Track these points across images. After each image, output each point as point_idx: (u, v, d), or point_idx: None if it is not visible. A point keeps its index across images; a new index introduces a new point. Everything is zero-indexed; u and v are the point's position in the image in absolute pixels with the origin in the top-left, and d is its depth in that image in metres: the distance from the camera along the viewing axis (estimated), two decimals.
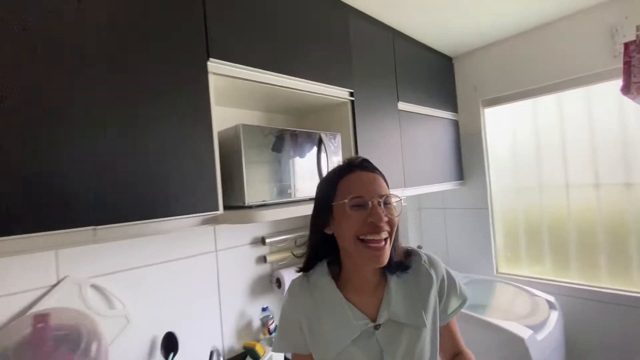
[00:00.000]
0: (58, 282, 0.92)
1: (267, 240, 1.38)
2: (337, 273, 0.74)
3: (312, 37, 1.22)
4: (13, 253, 0.64)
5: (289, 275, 1.34)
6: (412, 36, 1.77)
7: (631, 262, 1.57)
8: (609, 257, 1.64)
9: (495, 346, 1.39)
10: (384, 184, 0.71)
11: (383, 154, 1.49)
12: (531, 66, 1.80)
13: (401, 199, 0.72)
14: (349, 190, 0.68)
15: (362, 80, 1.41)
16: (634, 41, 1.33)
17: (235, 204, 1.00)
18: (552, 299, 1.66)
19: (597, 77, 1.58)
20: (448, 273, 0.79)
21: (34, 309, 0.87)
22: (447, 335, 0.79)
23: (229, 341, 1.25)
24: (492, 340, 1.40)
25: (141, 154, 0.79)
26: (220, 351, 1.21)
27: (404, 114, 1.64)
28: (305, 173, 1.16)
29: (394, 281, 0.73)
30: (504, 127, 1.99)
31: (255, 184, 1.00)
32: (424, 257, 0.77)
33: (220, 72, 0.95)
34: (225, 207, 0.96)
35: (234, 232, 1.32)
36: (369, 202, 0.66)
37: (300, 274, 0.78)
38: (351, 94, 1.36)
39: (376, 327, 0.69)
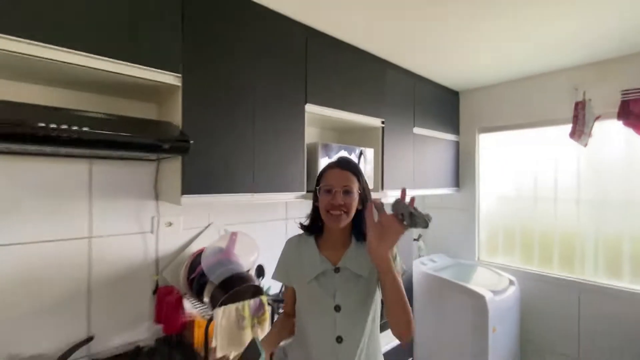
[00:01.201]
0: (207, 226, 1.59)
1: None
2: (318, 238, 1.06)
3: (361, 85, 1.87)
4: (206, 205, 1.30)
5: None
6: (429, 78, 2.39)
7: (575, 256, 2.18)
8: (560, 253, 2.25)
9: (466, 303, 2.02)
10: (352, 178, 0.98)
11: (400, 164, 2.13)
12: (516, 106, 2.41)
13: (360, 191, 0.99)
14: (326, 180, 0.99)
15: (390, 112, 2.05)
16: (581, 102, 1.93)
17: (310, 189, 1.65)
18: (513, 278, 2.28)
19: (563, 121, 2.16)
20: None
21: (197, 240, 1.54)
22: None
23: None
24: (464, 299, 2.04)
25: (274, 155, 1.45)
26: None
27: (417, 136, 2.28)
28: None
29: (354, 245, 1.02)
30: (494, 150, 2.60)
31: None
32: None
33: (311, 111, 1.60)
34: (307, 191, 1.62)
35: (298, 207, 1.97)
36: (334, 190, 0.97)
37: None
38: (382, 122, 2.00)
39: (336, 270, 0.98)
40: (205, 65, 1.24)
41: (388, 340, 1.64)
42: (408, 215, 0.81)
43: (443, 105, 2.56)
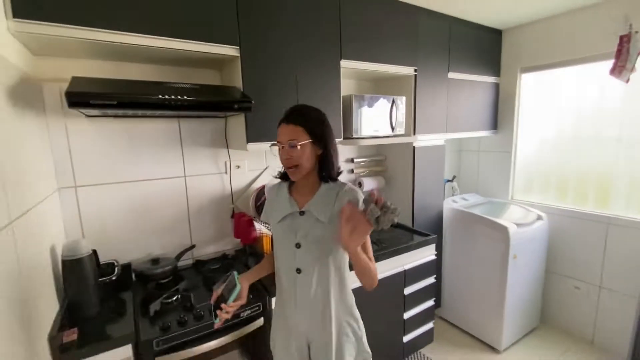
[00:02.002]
0: (266, 168, 1.99)
1: (355, 160, 2.35)
2: (293, 184, 1.15)
3: (393, 35, 1.99)
4: (263, 151, 1.66)
5: (368, 181, 2.31)
6: (467, 19, 2.38)
7: (609, 193, 2.24)
8: (594, 191, 2.32)
9: (490, 235, 2.25)
10: (297, 129, 1.01)
11: (433, 110, 2.28)
12: (561, 42, 2.32)
13: (302, 143, 1.00)
14: (277, 136, 1.06)
15: (424, 59, 2.16)
16: (627, 35, 1.85)
17: (347, 136, 1.93)
18: (543, 214, 2.43)
19: (609, 55, 2.09)
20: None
21: (259, 179, 1.95)
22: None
23: None
24: (488, 232, 2.26)
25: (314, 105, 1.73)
26: None
27: (452, 80, 2.36)
28: (384, 121, 2.03)
29: (323, 190, 1.08)
30: (534, 91, 2.58)
31: (358, 125, 1.92)
32: (346, 187, 1.09)
33: (346, 66, 1.82)
34: (344, 137, 1.90)
35: None
36: (281, 145, 1.04)
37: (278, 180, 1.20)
38: (415, 70, 2.13)
39: (301, 213, 1.08)
40: (255, 36, 1.52)
41: (415, 259, 1.99)
42: (374, 219, 0.89)
43: (482, 47, 2.54)
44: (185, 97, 1.19)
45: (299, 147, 1.00)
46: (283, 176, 1.16)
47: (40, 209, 1.15)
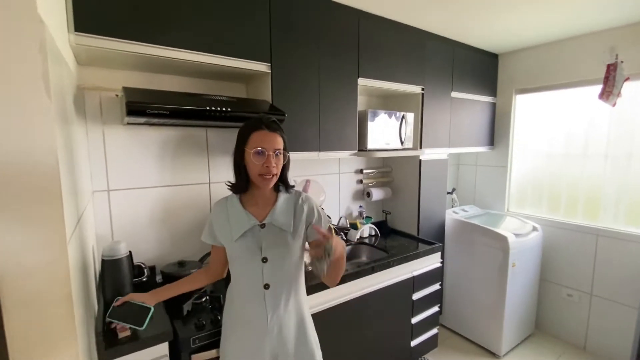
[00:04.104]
0: None
1: (364, 170, 2.47)
2: (242, 196, 1.11)
3: (404, 57, 2.15)
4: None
5: (376, 191, 2.43)
6: (468, 43, 2.57)
7: (599, 206, 2.42)
8: (584, 204, 2.50)
9: (491, 244, 2.39)
10: (280, 140, 1.03)
11: (438, 125, 2.43)
12: (553, 67, 2.54)
13: (288, 154, 1.07)
14: (255, 142, 0.99)
15: (430, 79, 2.33)
16: (613, 64, 2.06)
17: (361, 148, 2.05)
18: (538, 225, 2.59)
19: (596, 81, 2.30)
20: (318, 210, 1.14)
21: None
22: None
23: (343, 219, 2.40)
24: (489, 241, 2.40)
25: (334, 121, 1.85)
26: (344, 219, 2.35)
27: (455, 99, 2.53)
28: (394, 135, 2.17)
29: (282, 200, 1.09)
30: (528, 110, 2.78)
31: (371, 138, 2.04)
32: (303, 195, 1.14)
33: (362, 84, 1.96)
34: (358, 150, 2.02)
35: (347, 163, 2.40)
36: (267, 153, 1.00)
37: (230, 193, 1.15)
38: (422, 89, 2.29)
39: (262, 226, 1.06)
40: (284, 55, 1.64)
41: (422, 266, 2.10)
42: (315, 261, 0.95)
43: (481, 69, 2.74)
44: (228, 110, 1.29)
45: (281, 157, 1.04)
46: (237, 188, 1.10)
47: (88, 210, 1.21)
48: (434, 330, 2.26)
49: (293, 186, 1.18)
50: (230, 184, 1.11)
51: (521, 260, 2.38)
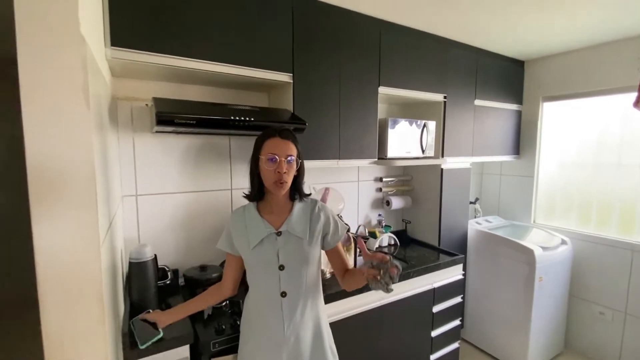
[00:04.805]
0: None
1: (383, 179, 2.45)
2: (259, 203, 1.14)
3: (426, 65, 2.14)
4: (307, 168, 1.77)
5: (396, 199, 2.40)
6: (493, 51, 2.52)
7: (634, 220, 2.29)
8: (618, 217, 2.36)
9: (516, 257, 2.30)
10: (293, 147, 1.06)
11: (460, 134, 2.39)
12: (582, 74, 2.44)
13: (301, 160, 1.09)
14: (268, 149, 1.03)
15: (452, 87, 2.29)
16: None
17: (381, 156, 2.04)
18: (567, 239, 2.47)
19: (629, 89, 2.20)
20: (334, 218, 1.16)
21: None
22: (336, 256, 1.17)
23: (362, 227, 2.38)
24: (514, 254, 2.31)
25: (355, 129, 1.86)
26: (362, 228, 2.33)
27: (478, 107, 2.48)
28: (414, 143, 2.14)
29: (297, 208, 1.11)
30: (557, 118, 2.68)
31: (391, 146, 2.03)
32: (319, 204, 1.17)
33: (383, 92, 1.96)
34: (378, 158, 2.01)
35: (367, 171, 2.39)
36: (279, 159, 1.02)
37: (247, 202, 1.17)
38: (444, 97, 2.26)
39: (278, 234, 1.07)
40: (306, 66, 1.66)
41: (443, 277, 2.04)
42: (378, 283, 0.98)
43: (506, 76, 2.68)
44: (251, 119, 1.32)
45: (295, 163, 1.07)
46: (252, 195, 1.13)
47: (118, 214, 1.27)
48: (455, 345, 2.19)
49: (309, 194, 1.19)
50: (246, 194, 1.15)
51: (549, 274, 2.27)
